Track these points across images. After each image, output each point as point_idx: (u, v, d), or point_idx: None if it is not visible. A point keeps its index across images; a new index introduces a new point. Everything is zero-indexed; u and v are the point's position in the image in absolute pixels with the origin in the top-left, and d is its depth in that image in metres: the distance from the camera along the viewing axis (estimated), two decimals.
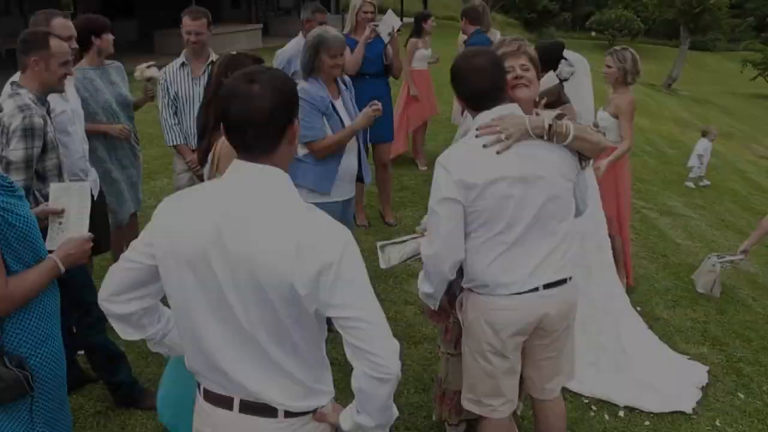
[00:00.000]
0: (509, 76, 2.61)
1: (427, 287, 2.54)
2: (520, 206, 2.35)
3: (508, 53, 2.61)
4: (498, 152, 2.31)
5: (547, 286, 2.45)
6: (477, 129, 2.37)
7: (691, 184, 8.63)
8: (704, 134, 9.16)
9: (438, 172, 2.37)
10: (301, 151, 3.55)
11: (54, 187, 2.52)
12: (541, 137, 2.36)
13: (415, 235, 2.85)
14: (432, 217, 2.38)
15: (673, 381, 3.76)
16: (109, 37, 4.03)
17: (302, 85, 3.47)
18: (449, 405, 3.13)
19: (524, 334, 2.53)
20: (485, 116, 2.39)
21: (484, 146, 2.32)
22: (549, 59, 3.65)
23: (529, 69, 2.60)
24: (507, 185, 2.32)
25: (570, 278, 2.53)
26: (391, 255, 2.79)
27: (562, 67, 3.98)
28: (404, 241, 2.82)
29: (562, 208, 2.45)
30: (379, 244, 2.86)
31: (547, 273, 2.44)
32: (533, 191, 2.36)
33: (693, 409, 3.58)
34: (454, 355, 2.97)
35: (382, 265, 2.80)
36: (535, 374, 2.67)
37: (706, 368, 3.95)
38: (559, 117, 2.45)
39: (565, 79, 3.99)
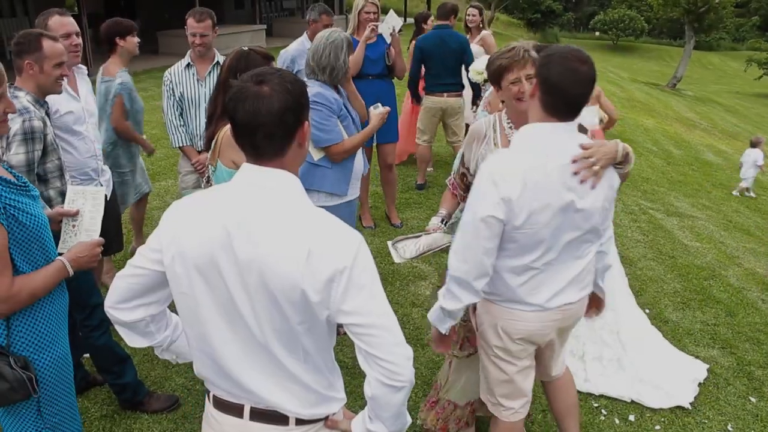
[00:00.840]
0: (515, 89, 2.57)
1: (453, 304, 2.33)
2: (555, 236, 2.25)
3: (514, 63, 2.55)
4: (592, 188, 2.20)
5: (568, 303, 2.42)
6: (573, 161, 2.18)
7: (737, 194, 8.69)
8: (755, 144, 9.19)
9: (485, 182, 2.17)
10: (317, 156, 3.53)
11: (70, 190, 2.52)
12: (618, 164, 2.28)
13: (432, 231, 2.80)
14: (471, 232, 2.20)
15: (673, 377, 3.76)
16: (134, 39, 4.23)
17: (317, 90, 3.44)
18: (439, 415, 3.08)
19: (539, 344, 2.51)
20: (559, 132, 2.19)
21: (582, 182, 2.19)
22: None
23: (531, 75, 2.53)
24: (550, 215, 2.20)
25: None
26: (406, 249, 2.72)
27: None
28: (418, 236, 2.77)
29: (596, 234, 2.37)
30: (390, 242, 2.80)
31: (571, 293, 2.40)
32: (574, 222, 2.25)
33: (691, 404, 3.60)
34: (459, 358, 2.94)
35: (397, 260, 2.74)
36: (542, 366, 2.68)
37: (706, 366, 3.95)
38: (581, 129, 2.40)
39: None
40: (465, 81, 6.19)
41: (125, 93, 4.20)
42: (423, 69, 6.19)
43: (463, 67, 6.09)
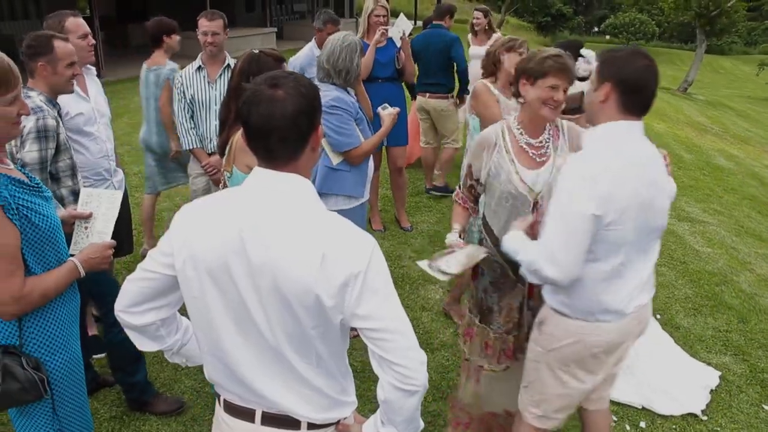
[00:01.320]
0: (549, 93, 2.54)
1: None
2: (636, 234, 2.22)
3: (561, 72, 2.54)
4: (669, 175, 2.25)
5: (641, 305, 2.39)
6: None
7: None
8: None
9: (578, 181, 2.13)
10: (336, 160, 3.54)
11: (84, 192, 2.52)
12: None
13: (459, 246, 2.72)
14: (568, 232, 2.13)
15: (684, 384, 3.73)
16: (177, 37, 4.77)
17: (335, 94, 3.46)
18: (478, 430, 3.02)
19: (615, 355, 2.46)
20: (634, 130, 2.20)
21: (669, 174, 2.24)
22: None
23: (567, 89, 2.56)
24: (635, 213, 2.17)
25: None
26: (450, 264, 2.60)
27: (580, 64, 3.93)
28: (451, 252, 2.67)
29: (660, 234, 2.34)
30: (423, 264, 2.69)
31: (643, 295, 2.38)
32: (650, 221, 2.23)
33: (702, 411, 3.57)
34: (497, 372, 2.86)
35: (442, 278, 2.64)
36: (598, 385, 2.60)
37: (718, 373, 3.92)
38: None
39: (583, 78, 3.93)
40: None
41: (173, 79, 4.58)
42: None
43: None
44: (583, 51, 3.92)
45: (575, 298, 2.30)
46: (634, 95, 2.16)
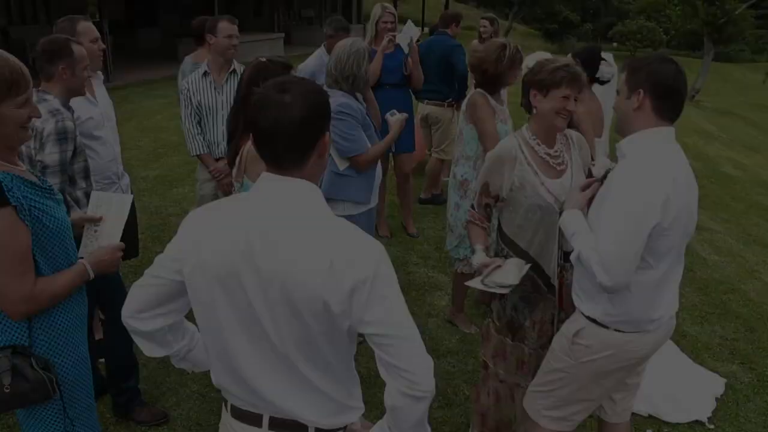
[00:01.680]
0: (559, 104, 2.55)
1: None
2: (682, 237, 2.22)
3: (573, 83, 2.55)
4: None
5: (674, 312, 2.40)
6: None
7: None
8: None
9: (639, 192, 2.11)
10: (342, 165, 3.55)
11: (94, 196, 2.53)
12: None
13: (494, 263, 2.67)
14: (628, 240, 2.12)
15: (690, 391, 3.71)
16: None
17: (342, 100, 3.47)
18: None
19: (645, 362, 2.46)
20: (672, 134, 2.21)
21: None
22: (588, 66, 3.61)
23: (578, 98, 2.58)
24: (683, 218, 2.17)
25: None
26: (507, 275, 2.56)
27: (603, 67, 3.94)
28: (498, 267, 2.62)
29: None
30: (475, 283, 2.64)
31: (676, 301, 2.37)
32: (689, 224, 2.23)
33: (709, 419, 3.55)
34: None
35: (501, 291, 2.60)
36: (620, 396, 2.59)
37: (724, 380, 3.90)
38: None
39: (607, 81, 3.93)
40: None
41: None
42: None
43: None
44: (603, 54, 3.96)
45: (623, 307, 2.26)
46: (668, 100, 2.17)
